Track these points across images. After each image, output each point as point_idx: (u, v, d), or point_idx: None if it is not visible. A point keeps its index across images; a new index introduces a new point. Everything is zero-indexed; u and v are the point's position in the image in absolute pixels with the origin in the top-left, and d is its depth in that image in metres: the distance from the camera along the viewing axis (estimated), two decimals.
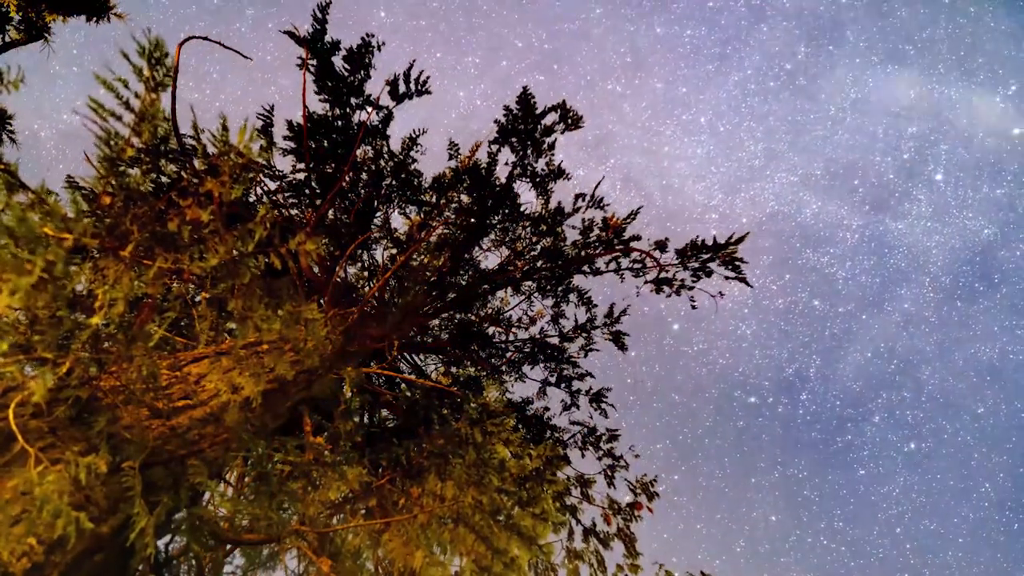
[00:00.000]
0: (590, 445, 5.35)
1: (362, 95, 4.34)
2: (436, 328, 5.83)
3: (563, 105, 4.74)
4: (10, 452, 1.47)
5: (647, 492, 4.84)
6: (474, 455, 3.46)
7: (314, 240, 1.79)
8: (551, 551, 3.60)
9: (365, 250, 5.37)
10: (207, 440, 2.03)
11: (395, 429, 4.40)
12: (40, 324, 1.46)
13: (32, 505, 1.38)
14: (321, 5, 3.96)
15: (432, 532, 3.19)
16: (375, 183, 4.89)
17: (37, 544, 1.36)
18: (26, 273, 1.35)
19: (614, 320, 5.57)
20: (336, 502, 3.58)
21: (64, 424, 1.61)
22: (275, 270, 1.87)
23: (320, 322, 2.60)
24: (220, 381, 2.23)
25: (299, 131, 4.31)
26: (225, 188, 1.72)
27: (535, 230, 5.20)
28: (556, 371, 5.70)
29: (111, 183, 1.69)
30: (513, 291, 5.61)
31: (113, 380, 1.85)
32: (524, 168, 4.94)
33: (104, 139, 1.66)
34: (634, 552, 4.45)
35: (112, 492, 1.60)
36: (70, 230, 1.46)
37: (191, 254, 1.72)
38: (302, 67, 4.06)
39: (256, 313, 1.98)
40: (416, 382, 4.46)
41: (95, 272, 1.60)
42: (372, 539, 3.26)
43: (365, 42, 4.17)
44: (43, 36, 3.56)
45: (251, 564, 3.40)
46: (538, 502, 3.61)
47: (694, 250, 4.63)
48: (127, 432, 1.75)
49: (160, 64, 1.69)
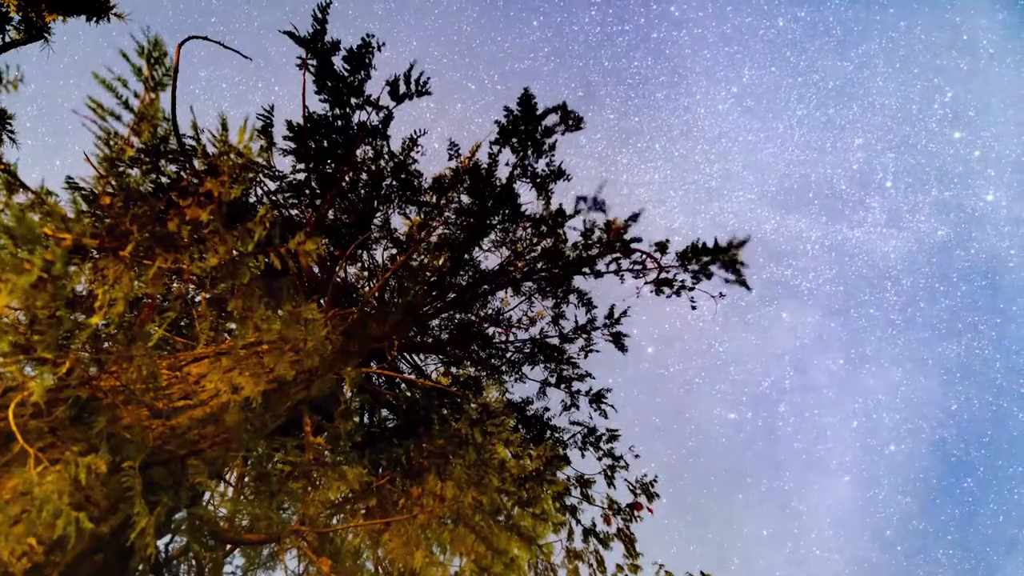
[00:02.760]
0: (590, 445, 5.34)
1: (362, 95, 4.34)
2: (436, 328, 5.83)
3: (564, 107, 4.74)
4: (10, 452, 1.47)
5: (647, 492, 4.84)
6: (474, 455, 3.46)
7: (314, 240, 1.79)
8: (551, 551, 3.60)
9: (365, 250, 5.37)
10: (207, 440, 2.03)
11: (395, 429, 4.39)
12: (40, 324, 1.46)
13: (32, 505, 1.38)
14: (321, 5, 3.96)
15: (432, 532, 3.18)
16: (375, 183, 4.89)
17: (37, 544, 1.36)
18: (25, 273, 1.35)
19: (614, 321, 5.57)
20: (336, 502, 3.58)
21: (64, 424, 1.61)
22: (275, 270, 1.87)
23: (320, 322, 2.60)
24: (220, 381, 2.23)
25: (299, 131, 4.31)
26: (225, 188, 1.71)
27: (535, 231, 5.20)
28: (556, 371, 5.70)
29: (111, 183, 1.69)
30: (513, 292, 5.61)
31: (113, 380, 1.85)
32: (525, 169, 4.94)
33: (104, 139, 1.66)
34: (634, 552, 4.45)
35: (112, 492, 1.60)
36: (69, 230, 1.46)
37: (191, 254, 1.72)
38: (302, 67, 4.06)
39: (256, 313, 1.98)
40: (416, 382, 4.46)
41: (95, 272, 1.60)
42: (372, 539, 3.26)
43: (365, 42, 4.17)
44: (43, 36, 3.56)
45: (251, 564, 3.40)
46: (538, 502, 3.60)
47: (694, 252, 4.63)
48: (127, 432, 1.75)
49: (159, 64, 1.69)
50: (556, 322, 5.72)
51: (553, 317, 5.71)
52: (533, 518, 3.47)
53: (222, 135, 1.74)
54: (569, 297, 5.61)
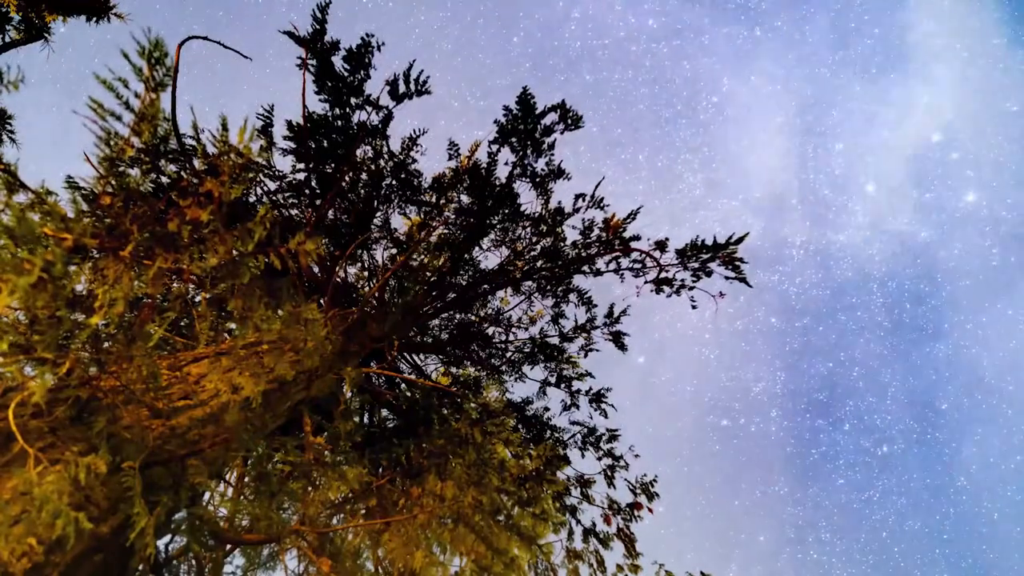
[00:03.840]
0: (590, 445, 5.35)
1: (362, 95, 4.34)
2: (436, 328, 5.83)
3: (562, 105, 4.73)
4: (10, 452, 1.47)
5: (647, 492, 4.84)
6: (474, 455, 3.46)
7: (314, 240, 1.79)
8: (551, 551, 3.60)
9: (365, 250, 5.37)
10: (207, 440, 2.03)
11: (395, 429, 4.39)
12: (40, 324, 1.46)
13: (32, 505, 1.38)
14: (321, 5, 3.96)
15: (432, 532, 3.18)
16: (375, 183, 4.89)
17: (37, 544, 1.36)
18: (25, 273, 1.35)
19: (614, 320, 5.57)
20: (336, 502, 3.58)
21: (64, 424, 1.61)
22: (275, 270, 1.87)
23: (320, 322, 2.60)
24: (220, 381, 2.23)
25: (299, 131, 4.31)
26: (225, 188, 1.71)
27: (535, 230, 5.20)
28: (556, 371, 5.70)
29: (111, 183, 1.69)
30: (513, 291, 5.61)
31: (113, 380, 1.85)
32: (524, 168, 4.94)
33: (104, 139, 1.66)
34: (634, 552, 4.45)
35: (112, 492, 1.60)
36: (70, 230, 1.46)
37: (191, 254, 1.72)
38: (302, 67, 4.06)
39: (256, 313, 1.98)
40: (416, 382, 4.46)
41: (95, 272, 1.60)
42: (372, 539, 3.26)
43: (365, 42, 4.17)
44: (43, 36, 3.56)
45: (251, 564, 3.40)
46: (538, 502, 3.61)
47: (694, 250, 4.63)
48: (127, 432, 1.75)
49: (160, 64, 1.69)
50: (556, 321, 5.72)
51: (553, 316, 5.72)
52: (533, 518, 3.47)
53: (222, 135, 1.74)
54: (569, 296, 5.61)
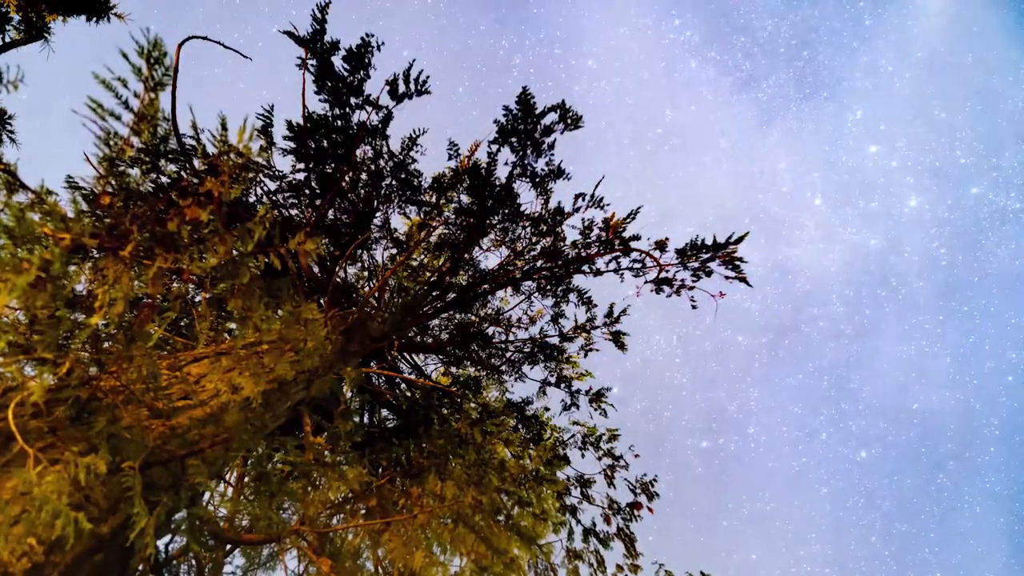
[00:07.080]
0: (590, 445, 5.34)
1: (362, 95, 4.34)
2: (436, 328, 5.83)
3: (562, 105, 4.73)
4: (10, 452, 1.46)
5: (647, 492, 4.84)
6: (474, 455, 3.46)
7: (314, 240, 1.79)
8: (551, 551, 3.60)
9: (365, 250, 5.37)
10: (207, 440, 2.03)
11: (395, 429, 4.39)
12: (39, 324, 1.46)
13: (32, 505, 1.38)
14: (320, 5, 3.96)
15: (432, 532, 3.18)
16: (375, 183, 4.89)
17: (37, 544, 1.36)
18: (24, 272, 1.35)
19: (614, 320, 5.57)
20: (336, 502, 3.58)
21: (64, 424, 1.61)
22: (275, 270, 1.87)
23: (320, 322, 2.60)
24: (220, 381, 2.22)
25: (299, 131, 4.31)
26: (225, 188, 1.71)
27: (535, 230, 5.20)
28: (556, 371, 5.70)
29: (111, 183, 1.69)
30: (513, 291, 5.61)
31: (113, 380, 1.85)
32: (524, 168, 4.94)
33: (104, 139, 1.66)
34: (634, 552, 4.45)
35: (112, 492, 1.60)
36: (69, 230, 1.45)
37: (191, 254, 1.71)
38: (302, 67, 4.06)
39: (256, 313, 1.97)
40: (416, 382, 4.46)
41: (95, 272, 1.60)
42: (372, 539, 3.26)
43: (365, 42, 4.17)
44: (43, 36, 3.56)
45: (251, 564, 3.40)
46: (538, 502, 3.60)
47: (694, 250, 4.63)
48: (127, 432, 1.75)
49: (159, 64, 1.69)
50: (556, 321, 5.72)
51: (553, 316, 5.71)
52: (533, 518, 3.47)
53: (222, 135, 1.74)
54: (569, 296, 5.61)
